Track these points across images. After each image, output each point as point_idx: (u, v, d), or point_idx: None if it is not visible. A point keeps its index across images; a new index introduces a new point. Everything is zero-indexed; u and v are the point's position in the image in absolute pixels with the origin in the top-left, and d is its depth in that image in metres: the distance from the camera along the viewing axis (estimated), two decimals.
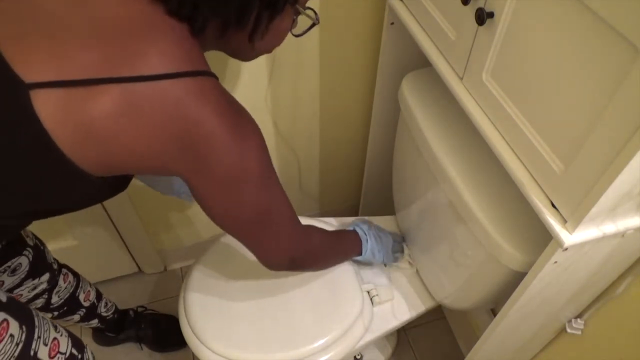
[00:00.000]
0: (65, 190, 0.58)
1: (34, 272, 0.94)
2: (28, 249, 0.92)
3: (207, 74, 0.57)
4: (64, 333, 0.78)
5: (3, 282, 0.89)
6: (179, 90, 0.53)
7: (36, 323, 0.71)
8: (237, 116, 0.59)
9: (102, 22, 0.54)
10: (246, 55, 0.72)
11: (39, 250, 0.96)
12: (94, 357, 0.86)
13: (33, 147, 0.52)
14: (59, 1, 0.54)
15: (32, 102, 0.50)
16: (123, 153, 0.55)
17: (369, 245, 1.03)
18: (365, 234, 1.04)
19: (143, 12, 0.55)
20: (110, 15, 0.54)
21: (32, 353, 0.68)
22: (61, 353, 0.74)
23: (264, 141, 0.63)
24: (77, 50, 0.52)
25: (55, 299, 1.04)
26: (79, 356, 0.79)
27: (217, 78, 0.59)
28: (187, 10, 0.57)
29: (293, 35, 0.72)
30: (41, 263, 0.97)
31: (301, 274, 1.05)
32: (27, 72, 0.50)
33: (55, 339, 0.74)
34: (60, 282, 1.05)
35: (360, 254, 1.03)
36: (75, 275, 1.12)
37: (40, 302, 1.01)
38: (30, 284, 0.95)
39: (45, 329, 0.72)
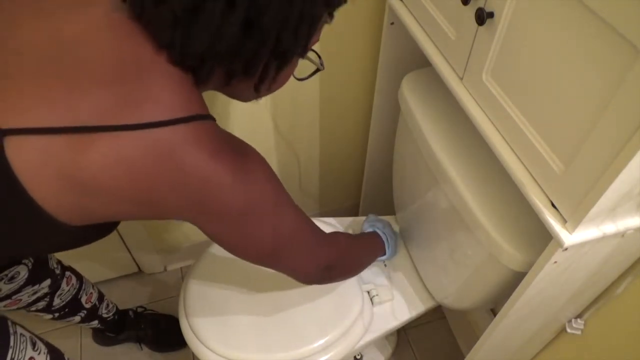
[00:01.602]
0: (37, 238, 0.56)
1: (33, 280, 0.93)
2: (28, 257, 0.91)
3: (204, 117, 0.55)
4: (43, 350, 0.75)
5: (0, 289, 0.88)
6: (173, 138, 0.51)
7: (11, 343, 0.68)
8: (237, 156, 0.57)
9: (94, 67, 0.51)
10: (246, 99, 0.69)
11: (41, 257, 0.95)
12: None
13: (2, 194, 0.49)
14: (48, 41, 0.51)
15: (4, 148, 0.47)
16: (115, 203, 0.52)
17: (391, 244, 1.06)
18: (384, 234, 1.06)
19: (140, 58, 0.52)
20: (103, 60, 0.51)
21: None
22: None
23: (269, 170, 0.62)
24: (64, 95, 0.49)
25: (57, 302, 1.04)
26: None
27: (214, 119, 0.57)
28: (192, 61, 0.54)
29: (296, 78, 0.70)
30: (42, 270, 0.96)
31: None
32: (5, 117, 0.47)
33: (31, 358, 0.71)
34: (63, 285, 1.04)
35: (384, 253, 1.06)
36: (79, 277, 1.11)
37: (41, 304, 1.01)
38: (29, 290, 0.94)
39: (21, 348, 0.70)
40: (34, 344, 0.74)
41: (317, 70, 0.71)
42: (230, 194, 0.55)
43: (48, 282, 0.98)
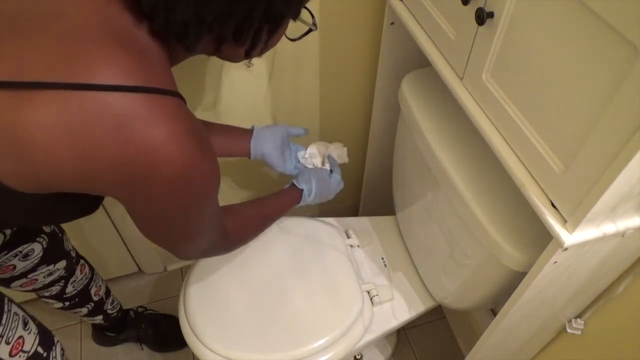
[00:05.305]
0: None
1: (48, 259, 0.94)
2: (43, 235, 0.90)
3: (169, 93, 0.50)
4: (34, 331, 0.76)
5: (15, 266, 0.88)
6: (126, 106, 0.46)
7: (2, 321, 0.69)
8: (192, 142, 0.51)
9: (54, 23, 0.47)
10: (238, 61, 0.67)
11: (56, 237, 0.96)
12: (63, 353, 0.84)
13: None
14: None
15: None
16: (50, 169, 0.48)
17: (314, 188, 0.95)
18: (310, 178, 0.97)
19: (111, 22, 0.48)
20: (65, 18, 0.48)
21: None
22: (24, 351, 0.72)
23: (216, 166, 0.57)
24: (12, 49, 0.46)
25: (69, 289, 1.05)
26: (44, 354, 0.77)
27: (182, 99, 0.52)
28: (176, 28, 0.50)
29: (288, 39, 0.68)
30: (57, 250, 0.96)
31: (304, 275, 1.05)
32: None
33: (20, 337, 0.72)
34: (77, 272, 1.06)
35: (298, 203, 0.96)
36: (91, 268, 1.13)
37: (55, 289, 1.02)
38: (45, 269, 0.95)
39: (12, 326, 0.70)
40: (25, 324, 0.74)
41: (310, 30, 0.68)
42: (174, 180, 0.51)
43: (64, 263, 0.98)
